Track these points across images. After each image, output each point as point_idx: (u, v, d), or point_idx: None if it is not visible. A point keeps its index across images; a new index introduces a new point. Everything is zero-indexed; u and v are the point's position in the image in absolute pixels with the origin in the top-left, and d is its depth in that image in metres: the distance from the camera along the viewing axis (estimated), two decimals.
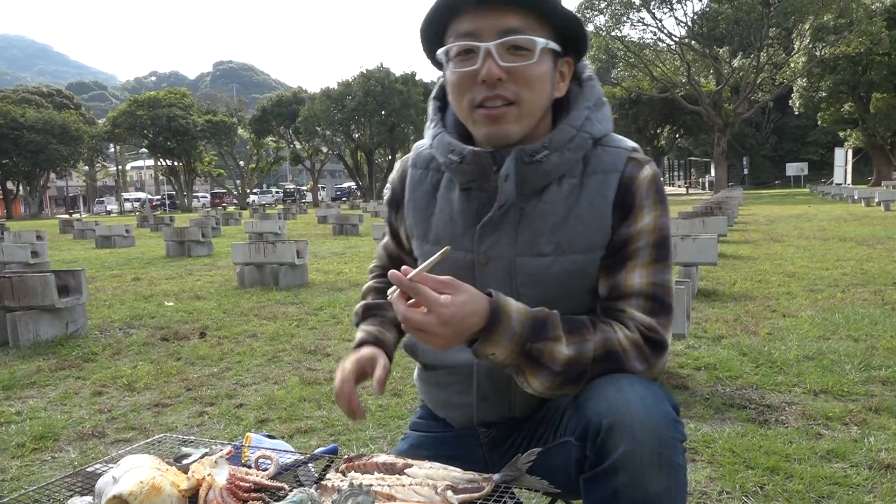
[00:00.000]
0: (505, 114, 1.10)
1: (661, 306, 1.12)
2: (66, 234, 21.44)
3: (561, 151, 1.13)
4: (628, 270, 1.13)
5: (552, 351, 1.03)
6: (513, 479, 1.04)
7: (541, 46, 1.08)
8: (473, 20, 1.08)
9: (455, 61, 1.12)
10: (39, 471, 2.65)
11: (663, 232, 1.15)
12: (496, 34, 1.07)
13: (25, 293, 4.89)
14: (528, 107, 1.11)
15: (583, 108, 1.17)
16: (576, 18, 1.11)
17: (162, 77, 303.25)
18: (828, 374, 3.42)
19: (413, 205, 1.29)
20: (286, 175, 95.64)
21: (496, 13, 1.07)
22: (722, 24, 36.17)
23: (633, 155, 1.17)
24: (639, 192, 1.14)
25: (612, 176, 1.15)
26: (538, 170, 1.13)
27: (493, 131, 1.12)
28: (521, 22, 1.07)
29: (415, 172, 1.30)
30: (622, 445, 0.96)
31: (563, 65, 1.16)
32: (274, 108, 56.08)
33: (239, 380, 3.82)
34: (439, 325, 0.98)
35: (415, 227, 1.29)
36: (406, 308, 0.99)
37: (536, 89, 1.11)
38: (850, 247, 9.33)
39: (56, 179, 63.89)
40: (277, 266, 7.56)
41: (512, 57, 1.08)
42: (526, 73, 1.08)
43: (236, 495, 1.05)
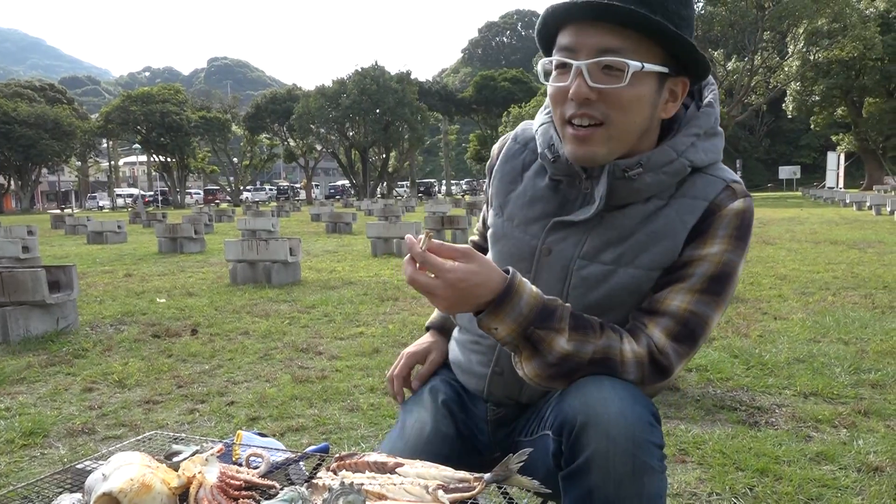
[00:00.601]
0: (591, 135, 1.08)
1: (688, 335, 1.08)
2: (58, 229, 21.33)
3: (656, 172, 1.11)
4: (673, 290, 1.10)
5: (552, 341, 1.04)
6: (504, 479, 1.05)
7: (633, 70, 1.03)
8: (575, 34, 1.06)
9: (553, 74, 1.11)
10: (28, 467, 2.63)
11: (727, 268, 1.10)
12: (592, 52, 1.04)
13: (16, 288, 4.86)
14: (618, 129, 1.08)
15: (691, 135, 1.13)
16: (685, 42, 1.05)
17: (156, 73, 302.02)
18: (818, 377, 3.44)
19: (500, 176, 1.30)
20: (280, 172, 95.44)
21: (597, 30, 1.04)
22: (716, 26, 36.31)
23: (731, 185, 1.13)
24: (719, 221, 1.10)
25: (699, 203, 1.11)
26: (629, 186, 1.12)
27: (578, 151, 1.11)
28: (621, 42, 1.03)
29: (512, 146, 1.31)
30: (595, 443, 0.97)
31: (674, 84, 1.10)
32: (268, 105, 55.96)
33: (230, 377, 3.81)
34: (443, 287, 1.01)
35: (495, 198, 1.30)
36: (413, 270, 1.03)
37: (628, 112, 1.07)
38: (841, 250, 9.38)
39: (48, 174, 63.56)
40: (270, 263, 7.54)
41: (603, 77, 1.05)
42: (616, 95, 1.05)
43: (227, 493, 1.04)
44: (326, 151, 57.50)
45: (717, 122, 1.17)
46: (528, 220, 1.21)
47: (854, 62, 36.08)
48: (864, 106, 40.53)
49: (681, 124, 1.15)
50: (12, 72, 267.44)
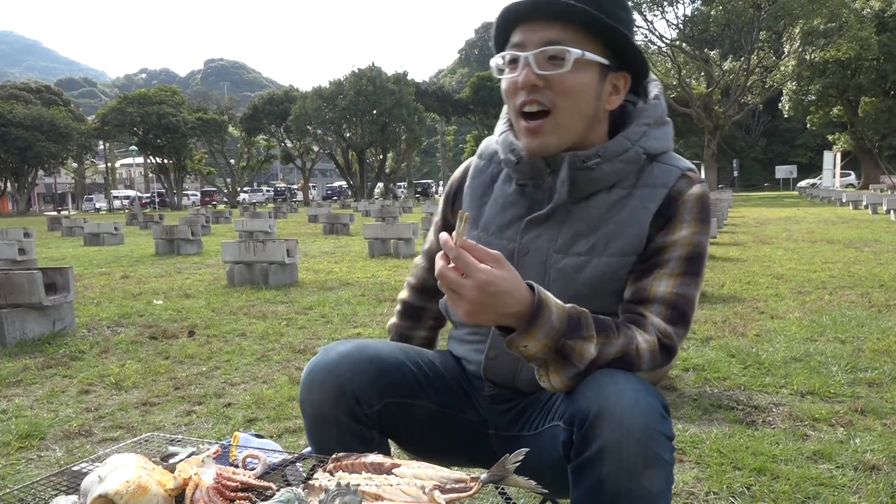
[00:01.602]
0: (541, 126, 1.17)
1: (681, 317, 1.14)
2: (55, 231, 21.29)
3: (613, 161, 1.19)
4: (656, 277, 1.16)
5: (582, 349, 1.05)
6: (500, 479, 1.05)
7: (574, 57, 1.13)
8: (523, 32, 1.16)
9: (505, 70, 1.20)
10: (25, 469, 2.63)
11: (698, 248, 1.17)
12: (537, 44, 1.14)
13: (12, 291, 4.85)
14: (564, 115, 1.16)
15: (642, 124, 1.21)
16: (621, 34, 1.15)
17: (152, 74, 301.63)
18: (815, 376, 3.45)
19: (471, 192, 1.37)
20: (277, 174, 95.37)
21: (542, 26, 1.14)
22: (713, 26, 36.39)
23: (687, 173, 1.21)
24: (683, 206, 1.18)
25: (660, 190, 1.19)
26: (589, 176, 1.19)
27: (532, 143, 1.19)
28: (563, 34, 1.13)
29: (479, 163, 1.39)
30: (609, 433, 0.97)
31: (616, 79, 1.20)
32: (265, 107, 55.93)
33: (227, 379, 3.80)
34: (471, 288, 1.00)
35: (469, 211, 1.36)
36: (445, 265, 1.02)
37: (573, 98, 1.15)
38: (837, 249, 9.41)
39: (44, 176, 63.40)
40: (267, 265, 7.53)
41: (548, 65, 1.14)
42: (560, 80, 1.14)
43: (223, 494, 1.04)
44: (323, 152, 57.47)
45: (665, 113, 1.26)
46: (502, 226, 1.29)
47: (850, 62, 36.16)
48: (860, 105, 40.63)
49: (632, 117, 1.23)
50: (8, 74, 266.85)
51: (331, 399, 1.21)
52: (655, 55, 39.85)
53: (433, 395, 1.33)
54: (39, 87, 61.35)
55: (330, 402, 1.21)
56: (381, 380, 1.25)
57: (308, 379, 1.24)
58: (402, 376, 1.29)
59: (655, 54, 39.86)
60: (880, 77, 37.77)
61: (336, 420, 1.21)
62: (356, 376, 1.23)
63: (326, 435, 1.22)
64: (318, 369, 1.24)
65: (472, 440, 1.36)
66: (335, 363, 1.24)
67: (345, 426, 1.21)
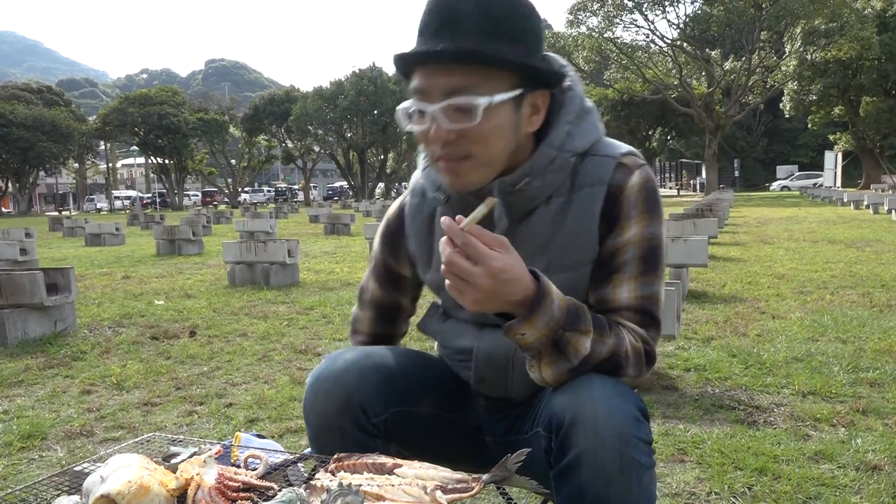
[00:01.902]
0: (461, 167, 1.09)
1: (651, 319, 1.13)
2: (56, 231, 21.30)
3: (542, 176, 1.13)
4: (616, 284, 1.13)
5: (577, 343, 1.04)
6: (502, 480, 1.05)
7: (483, 107, 1.03)
8: (424, 77, 1.06)
9: (413, 117, 1.11)
10: (27, 470, 2.63)
11: (652, 241, 1.13)
12: (441, 94, 1.04)
13: (14, 291, 4.86)
14: (484, 158, 1.09)
15: (563, 124, 1.14)
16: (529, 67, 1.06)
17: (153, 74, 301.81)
18: (816, 376, 3.44)
19: (414, 233, 1.32)
20: (278, 174, 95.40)
21: (443, 71, 1.04)
22: (714, 26, 36.36)
23: (622, 161, 1.15)
24: (626, 202, 1.13)
25: (598, 188, 1.13)
26: (523, 196, 1.14)
27: (455, 184, 1.13)
28: (467, 79, 1.03)
29: (413, 201, 1.33)
30: (583, 441, 0.98)
31: (534, 99, 1.11)
32: (266, 107, 55.92)
33: (229, 379, 3.81)
34: (484, 276, 0.96)
35: (418, 255, 1.32)
36: (453, 251, 0.97)
37: (490, 144, 1.08)
38: (839, 249, 9.40)
39: (45, 177, 63.44)
40: (268, 265, 7.53)
41: (457, 117, 1.05)
42: (473, 132, 1.05)
43: (225, 495, 1.04)
44: (324, 153, 57.47)
45: (584, 100, 1.18)
46: None
47: (851, 61, 36.12)
48: (861, 105, 40.58)
49: (551, 119, 1.15)
50: (9, 74, 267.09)
51: (336, 409, 1.19)
52: (657, 55, 39.85)
53: (435, 399, 1.32)
54: (41, 88, 61.40)
55: (335, 412, 1.19)
56: (387, 388, 1.23)
57: (314, 388, 1.22)
58: (408, 383, 1.27)
59: (657, 54, 39.86)
60: (881, 77, 37.72)
61: (341, 429, 1.19)
62: (363, 385, 1.20)
63: (330, 443, 1.20)
64: (323, 378, 1.21)
65: (472, 444, 1.36)
66: (342, 371, 1.21)
67: (349, 435, 1.19)
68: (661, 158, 60.45)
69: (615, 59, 39.21)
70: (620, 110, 44.70)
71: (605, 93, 44.47)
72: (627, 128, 46.33)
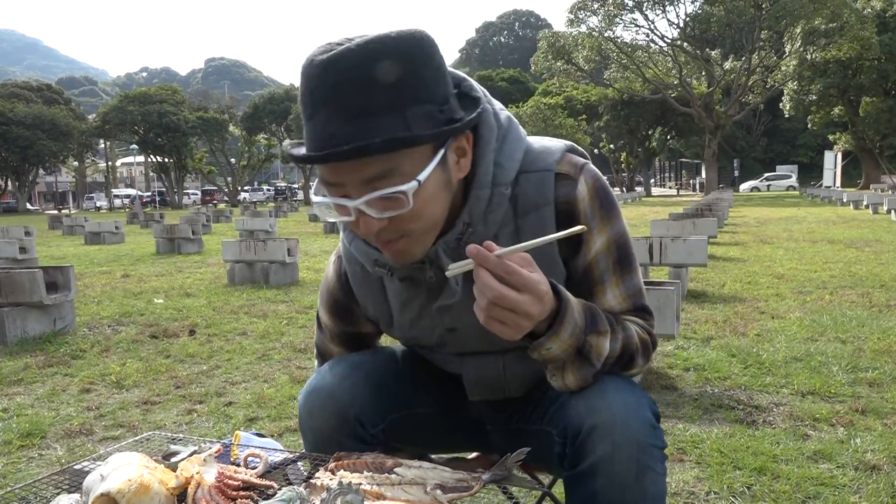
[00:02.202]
0: (399, 245, 1.01)
1: (643, 310, 1.13)
2: (55, 230, 21.29)
3: (484, 219, 1.04)
4: (599, 295, 1.10)
5: (599, 345, 1.02)
6: (502, 478, 1.05)
7: (412, 191, 0.93)
8: (332, 172, 0.95)
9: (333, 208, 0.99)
10: (26, 468, 2.63)
11: (619, 241, 1.09)
12: (360, 187, 0.93)
13: (13, 289, 4.86)
14: (423, 231, 1.01)
15: (488, 157, 1.03)
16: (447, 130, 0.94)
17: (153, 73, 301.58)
18: (815, 376, 3.45)
19: (370, 299, 1.23)
20: (277, 173, 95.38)
21: (350, 167, 0.92)
22: (714, 26, 36.37)
23: (559, 170, 1.06)
24: (583, 217, 1.06)
25: (546, 210, 1.05)
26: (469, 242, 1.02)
27: (399, 261, 1.05)
28: (384, 166, 0.91)
29: (353, 269, 1.21)
30: (601, 448, 0.98)
31: (459, 143, 0.99)
32: (266, 106, 55.91)
33: (228, 378, 3.81)
34: (533, 303, 0.90)
35: (380, 319, 1.25)
36: (500, 285, 0.88)
37: (426, 217, 0.99)
38: (838, 249, 9.40)
39: (45, 175, 63.42)
40: (268, 264, 7.53)
41: (385, 204, 0.94)
42: (405, 216, 0.96)
43: (225, 493, 1.05)
44: None
45: (499, 115, 1.06)
46: (415, 319, 1.17)
47: (851, 61, 36.14)
48: (861, 105, 40.61)
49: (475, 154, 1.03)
50: (9, 72, 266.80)
51: (332, 425, 1.17)
52: (657, 54, 39.85)
53: (432, 396, 1.31)
54: (40, 86, 61.36)
55: (332, 429, 1.17)
56: (382, 397, 1.21)
57: (307, 405, 1.19)
58: (402, 387, 1.25)
59: (657, 54, 39.85)
60: (881, 77, 37.74)
61: (339, 443, 1.17)
62: (357, 399, 1.17)
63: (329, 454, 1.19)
64: (315, 394, 1.19)
65: (472, 436, 1.36)
66: (335, 386, 1.18)
67: (348, 447, 1.17)
68: (661, 158, 60.46)
69: (615, 58, 39.23)
70: (620, 110, 44.69)
71: (604, 92, 44.48)
72: (627, 127, 46.34)
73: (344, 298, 1.27)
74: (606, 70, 41.07)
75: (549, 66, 40.59)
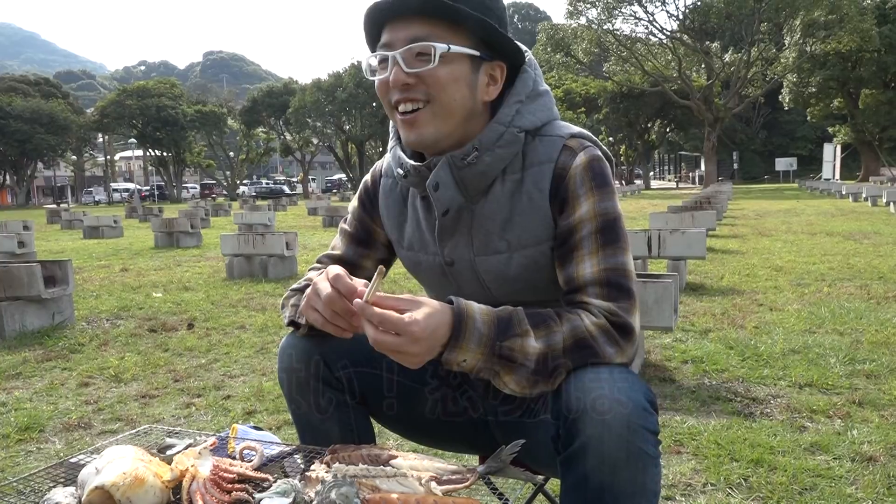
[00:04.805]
0: (417, 117, 1.15)
1: (619, 290, 1.12)
2: (54, 224, 21.27)
3: (492, 150, 1.16)
4: (578, 261, 1.14)
5: (523, 346, 1.04)
6: (496, 471, 1.05)
7: (440, 52, 1.10)
8: (390, 31, 1.14)
9: (376, 71, 1.18)
10: (24, 462, 2.63)
11: (606, 216, 1.14)
12: (404, 43, 1.12)
13: (11, 283, 4.85)
14: (440, 106, 1.14)
15: (512, 104, 1.18)
16: (486, 24, 1.12)
17: (151, 66, 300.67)
18: (813, 368, 3.45)
19: (387, 212, 1.35)
20: (276, 166, 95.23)
21: (407, 24, 1.12)
22: (713, 18, 36.30)
23: (567, 143, 1.17)
24: (572, 182, 1.15)
25: (546, 167, 1.17)
26: (474, 171, 1.17)
27: (409, 136, 1.17)
28: (429, 30, 1.11)
29: (385, 182, 1.36)
30: (590, 429, 0.98)
31: (491, 69, 1.17)
32: (264, 99, 55.81)
33: (227, 371, 3.81)
34: (411, 343, 0.99)
35: (392, 233, 1.36)
36: (376, 332, 1.00)
37: (446, 89, 1.13)
38: (837, 242, 9.40)
39: (44, 169, 63.32)
40: (266, 258, 7.53)
41: (417, 62, 1.12)
42: (430, 75, 1.12)
43: (220, 486, 1.05)
44: (323, 145, 57.38)
45: (538, 83, 1.22)
46: (424, 243, 1.28)
47: (851, 53, 36.05)
48: (860, 97, 40.54)
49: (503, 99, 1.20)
50: (6, 66, 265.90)
51: (299, 368, 1.28)
52: (656, 47, 39.75)
53: (433, 384, 1.33)
54: (38, 80, 61.20)
55: (299, 371, 1.28)
56: (352, 348, 1.27)
57: (280, 355, 1.32)
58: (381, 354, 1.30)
59: (656, 46, 39.75)
60: (881, 69, 37.67)
61: (308, 385, 1.28)
62: (322, 343, 1.27)
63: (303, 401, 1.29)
64: (287, 345, 1.31)
65: (473, 426, 1.36)
66: (305, 338, 1.30)
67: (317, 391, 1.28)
68: (661, 151, 60.42)
69: (614, 51, 39.15)
70: (619, 102, 44.63)
71: (604, 85, 44.39)
72: (626, 120, 46.29)
73: (373, 194, 1.38)
74: (605, 62, 40.99)
75: (549, 59, 40.50)
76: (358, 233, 1.40)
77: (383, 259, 1.41)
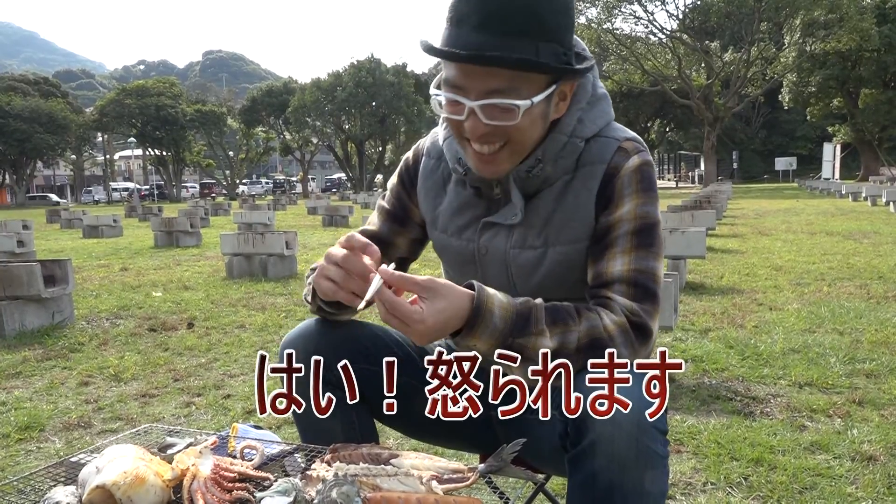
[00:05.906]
0: (496, 157, 1.14)
1: (645, 292, 1.13)
2: (53, 223, 21.26)
3: (554, 161, 1.18)
4: (610, 258, 1.15)
5: (535, 345, 1.04)
6: (497, 470, 1.05)
7: (524, 109, 1.08)
8: (462, 75, 1.08)
9: (445, 104, 1.13)
10: (24, 461, 2.63)
11: (646, 220, 1.16)
12: (481, 94, 1.07)
13: (11, 283, 4.85)
14: (520, 145, 1.14)
15: (574, 112, 1.18)
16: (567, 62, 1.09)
17: (151, 66, 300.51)
18: (813, 367, 3.45)
19: (424, 193, 1.35)
20: (276, 166, 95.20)
21: (481, 73, 1.06)
22: (713, 17, 36.28)
23: (623, 145, 1.18)
24: (620, 181, 1.16)
25: (598, 167, 1.17)
26: (536, 179, 1.19)
27: (485, 171, 1.17)
28: (508, 82, 1.06)
29: (427, 162, 1.36)
30: (600, 427, 0.98)
31: (564, 87, 1.15)
32: (264, 98, 55.75)
33: (227, 370, 3.81)
34: (415, 334, 1.03)
35: (427, 213, 1.36)
36: (386, 313, 1.02)
37: (527, 132, 1.13)
38: (836, 241, 9.40)
39: (43, 168, 63.30)
40: (266, 257, 7.53)
41: (497, 114, 1.08)
42: (510, 128, 1.10)
43: (220, 485, 1.05)
44: (322, 144, 57.35)
45: (597, 86, 1.23)
46: (460, 228, 1.29)
47: (850, 53, 36.02)
48: (860, 97, 40.51)
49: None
50: (6, 65, 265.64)
51: (301, 363, 1.25)
52: (656, 46, 39.74)
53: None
54: (37, 79, 61.15)
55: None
56: (352, 348, 1.27)
57: (280, 351, 1.30)
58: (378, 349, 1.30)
59: (656, 45, 39.75)
60: (881, 68, 37.65)
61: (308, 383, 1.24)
62: (324, 340, 1.27)
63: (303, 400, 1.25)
64: (288, 341, 1.31)
65: (474, 424, 1.36)
66: (303, 328, 1.30)
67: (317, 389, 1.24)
68: (660, 150, 60.39)
69: (614, 50, 39.13)
70: (619, 102, 44.57)
71: (603, 84, 44.38)
72: (626, 119, 46.21)
73: (413, 171, 1.38)
74: (605, 62, 40.94)
75: None
76: (395, 210, 1.40)
77: (416, 239, 1.41)
